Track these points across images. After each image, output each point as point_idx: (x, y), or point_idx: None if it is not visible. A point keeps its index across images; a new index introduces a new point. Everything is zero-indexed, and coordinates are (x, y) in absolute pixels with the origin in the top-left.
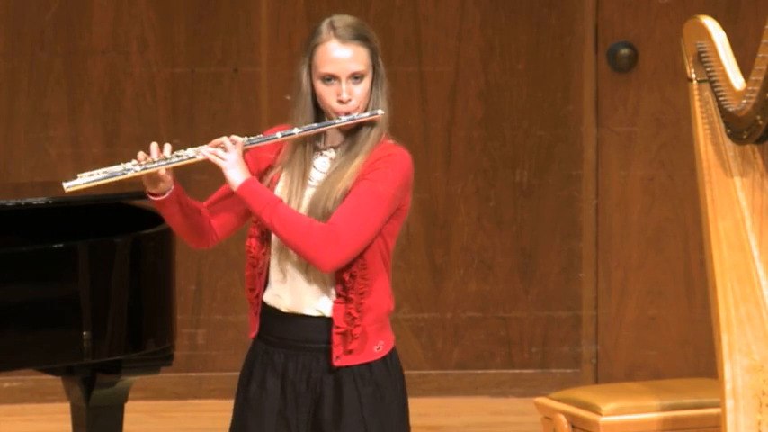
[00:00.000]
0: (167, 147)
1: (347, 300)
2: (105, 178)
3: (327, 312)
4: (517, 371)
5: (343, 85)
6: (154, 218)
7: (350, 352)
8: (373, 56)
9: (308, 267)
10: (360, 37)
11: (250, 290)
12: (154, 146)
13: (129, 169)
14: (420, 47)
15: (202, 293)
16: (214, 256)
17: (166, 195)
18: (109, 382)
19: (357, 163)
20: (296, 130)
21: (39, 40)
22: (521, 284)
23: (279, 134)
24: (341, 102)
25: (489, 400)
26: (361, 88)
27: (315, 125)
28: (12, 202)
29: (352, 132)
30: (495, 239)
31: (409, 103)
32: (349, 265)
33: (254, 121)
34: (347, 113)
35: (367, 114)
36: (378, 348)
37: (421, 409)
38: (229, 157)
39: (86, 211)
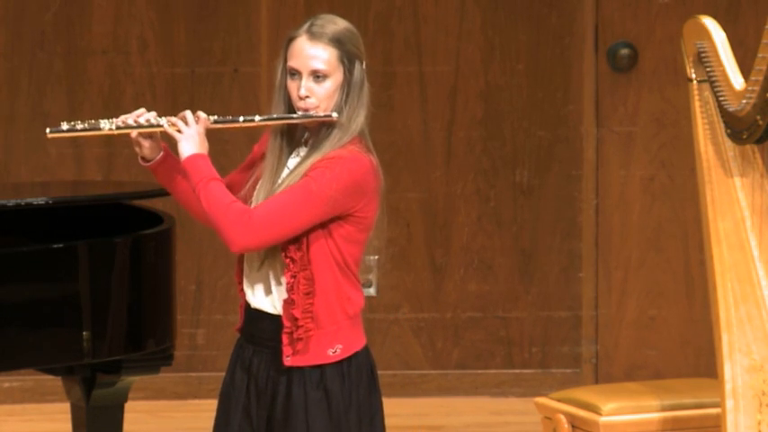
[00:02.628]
0: (151, 114)
1: (291, 301)
2: (84, 131)
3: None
4: (517, 371)
5: (303, 81)
6: (154, 218)
7: (297, 352)
8: (345, 60)
9: (262, 265)
10: (333, 39)
11: (238, 282)
12: (138, 111)
13: (104, 125)
14: (420, 47)
15: (202, 293)
16: (214, 256)
17: (153, 162)
18: (109, 382)
19: (309, 162)
20: (257, 118)
21: (39, 40)
22: (521, 284)
23: (241, 118)
24: (299, 97)
25: (489, 400)
26: (324, 88)
27: (274, 116)
28: (12, 202)
29: (316, 133)
30: (495, 239)
31: (409, 103)
32: (288, 267)
33: None
34: (306, 110)
35: (321, 114)
36: (333, 352)
37: (421, 409)
38: (188, 131)
39: (86, 211)
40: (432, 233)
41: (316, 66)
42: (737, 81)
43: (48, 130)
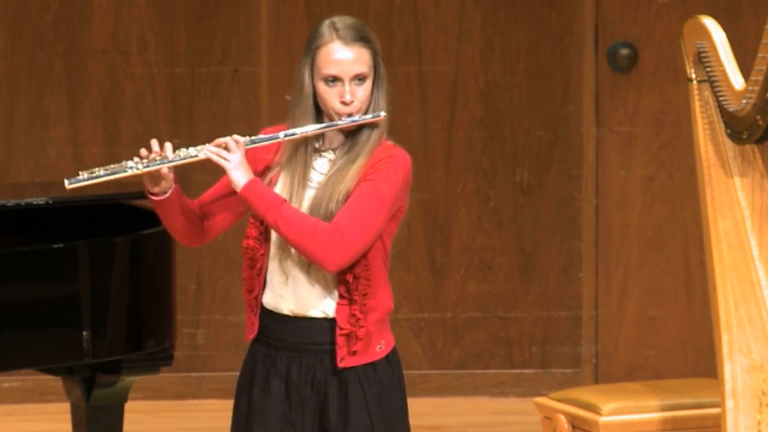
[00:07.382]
0: (168, 145)
1: (351, 301)
2: (107, 176)
3: (331, 314)
4: (517, 371)
5: (347, 87)
6: (154, 218)
7: (354, 353)
8: (375, 56)
9: (310, 268)
10: (362, 38)
11: (248, 291)
12: (154, 142)
13: (131, 167)
14: (420, 47)
15: (202, 293)
16: (214, 255)
17: (167, 195)
18: (109, 382)
19: (358, 164)
20: (298, 131)
21: (39, 40)
22: (521, 284)
23: (281, 134)
24: (344, 103)
25: (489, 400)
26: (364, 89)
27: (317, 126)
28: (12, 202)
29: (352, 134)
30: (495, 239)
31: (409, 103)
32: (352, 267)
33: (254, 122)
34: (350, 115)
35: (370, 116)
36: (380, 348)
37: (421, 409)
38: (233, 158)
39: (86, 211)
40: (432, 233)
41: (358, 69)
42: (737, 81)
43: (66, 182)
